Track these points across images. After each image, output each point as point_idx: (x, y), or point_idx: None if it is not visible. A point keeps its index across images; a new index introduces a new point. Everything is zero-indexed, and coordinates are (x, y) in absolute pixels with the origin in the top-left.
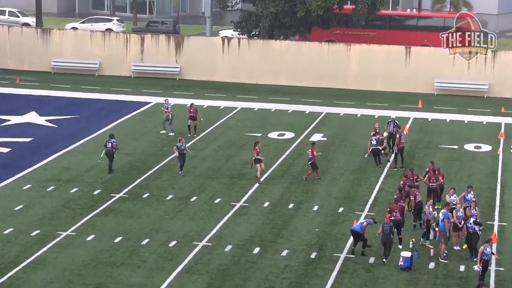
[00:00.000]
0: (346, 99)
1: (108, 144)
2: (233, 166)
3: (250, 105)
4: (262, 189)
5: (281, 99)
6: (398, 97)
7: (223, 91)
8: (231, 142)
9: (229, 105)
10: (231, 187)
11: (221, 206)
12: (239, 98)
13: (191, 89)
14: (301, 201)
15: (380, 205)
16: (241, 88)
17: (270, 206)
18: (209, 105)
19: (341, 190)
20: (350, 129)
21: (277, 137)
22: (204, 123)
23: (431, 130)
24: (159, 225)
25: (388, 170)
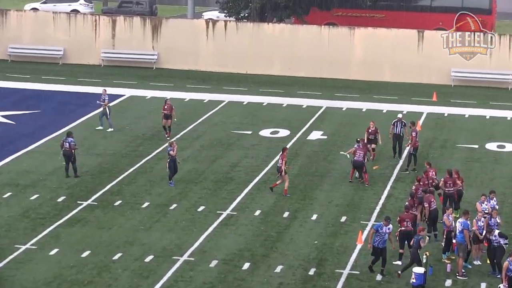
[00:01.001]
0: (349, 91)
1: (65, 144)
2: (219, 169)
3: (239, 98)
4: (252, 196)
5: (275, 91)
6: (410, 89)
7: (207, 82)
8: (216, 141)
9: (214, 98)
10: (217, 193)
11: (205, 215)
12: (226, 90)
13: (171, 79)
14: (297, 209)
15: (388, 213)
16: (228, 79)
17: (261, 215)
18: (191, 98)
19: (344, 196)
20: (353, 126)
21: (270, 135)
22: (186, 119)
23: (447, 126)
24: (134, 237)
25: (398, 173)
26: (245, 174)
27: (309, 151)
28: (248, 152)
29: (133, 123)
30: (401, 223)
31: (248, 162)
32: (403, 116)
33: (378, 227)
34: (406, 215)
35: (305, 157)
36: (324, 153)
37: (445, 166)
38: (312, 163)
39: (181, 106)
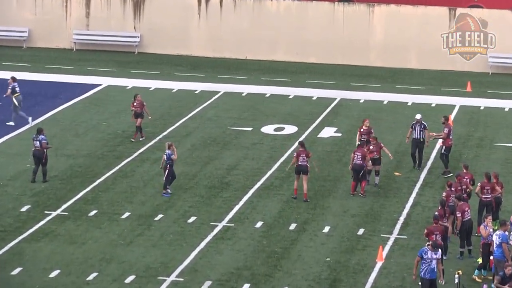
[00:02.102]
0: (368, 80)
1: (35, 143)
2: (214, 173)
3: (237, 88)
4: (253, 205)
5: (279, 81)
6: (439, 78)
7: (199, 70)
8: (210, 139)
9: (208, 89)
10: (211, 201)
11: (196, 227)
12: (222, 79)
13: (156, 66)
14: (306, 220)
15: (414, 225)
16: (224, 66)
17: (264, 227)
18: (180, 88)
19: (362, 204)
20: (373, 121)
21: (274, 132)
22: (174, 114)
23: (483, 122)
24: (112, 253)
25: (426, 177)
26: (244, 179)
27: (321, 151)
28: (248, 153)
29: (111, 118)
30: (430, 236)
31: (248, 164)
32: (422, 117)
33: (422, 252)
34: (435, 227)
35: (316, 158)
36: (339, 153)
37: (481, 168)
38: (324, 165)
39: (168, 97)
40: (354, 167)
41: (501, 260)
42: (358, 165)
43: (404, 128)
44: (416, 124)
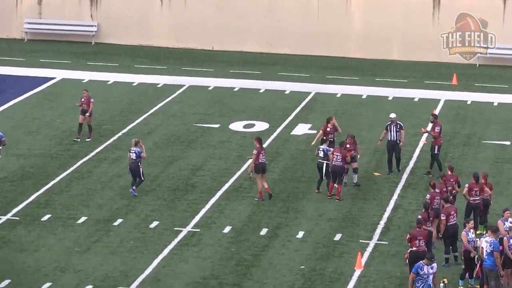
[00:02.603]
0: (345, 72)
1: None
2: (177, 174)
3: (203, 81)
4: (221, 208)
5: (249, 73)
6: (423, 70)
7: (162, 61)
8: (174, 137)
9: (171, 82)
10: (175, 205)
11: (159, 233)
12: (187, 72)
13: (114, 58)
14: (279, 225)
15: (396, 229)
16: (189, 57)
17: (232, 232)
18: (141, 81)
19: (339, 208)
20: (351, 117)
21: (243, 129)
22: (135, 110)
23: (471, 117)
24: (67, 262)
25: (408, 178)
26: (211, 180)
27: (294, 150)
28: (215, 152)
29: (66, 114)
30: (412, 241)
31: (215, 164)
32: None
33: (417, 268)
34: (418, 231)
35: (289, 157)
36: (313, 152)
37: (468, 168)
38: (297, 165)
39: (128, 92)
40: (334, 169)
41: (493, 269)
42: (338, 166)
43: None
44: (391, 125)
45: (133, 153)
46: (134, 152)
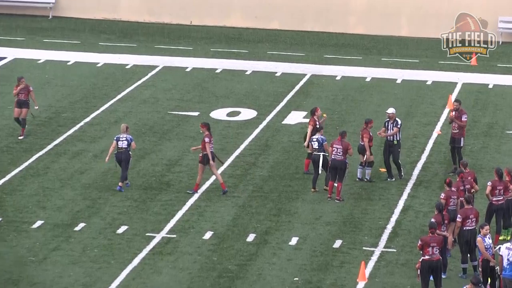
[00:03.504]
0: (346, 51)
1: None
2: (150, 170)
3: (180, 62)
4: (200, 210)
5: (233, 52)
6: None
7: (131, 38)
8: (146, 127)
9: (142, 62)
10: (146, 206)
11: (128, 239)
12: (160, 51)
13: (75, 34)
14: (268, 230)
15: (405, 235)
16: (163, 33)
17: (214, 238)
18: (106, 62)
19: (339, 209)
20: (353, 104)
21: (227, 117)
22: (99, 95)
23: (493, 104)
24: (20, 273)
25: (420, 175)
26: (189, 177)
27: (286, 142)
28: (194, 144)
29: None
30: (425, 249)
31: (193, 158)
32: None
33: None
34: (431, 237)
35: (280, 151)
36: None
37: (489, 163)
38: (290, 159)
39: (91, 74)
40: (333, 164)
41: None
42: (338, 161)
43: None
44: (388, 122)
45: (123, 140)
46: (126, 139)
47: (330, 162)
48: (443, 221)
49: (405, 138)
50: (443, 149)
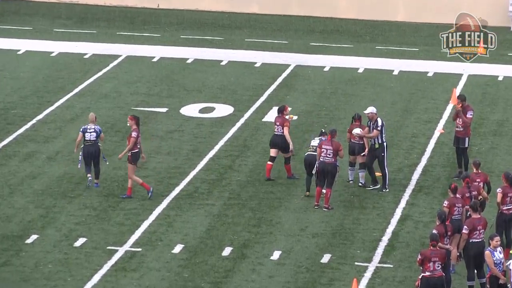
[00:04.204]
0: (336, 38)
1: None
2: (111, 174)
3: (145, 50)
4: (170, 220)
5: (207, 40)
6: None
7: (90, 24)
8: (106, 125)
9: (102, 51)
10: (107, 215)
11: (87, 253)
12: (123, 38)
13: (26, 19)
14: (247, 242)
15: (403, 248)
16: (126, 18)
17: (185, 252)
18: (62, 51)
19: (327, 219)
20: (344, 99)
21: (199, 114)
22: (53, 88)
23: (503, 98)
24: None
25: (420, 179)
26: (156, 182)
27: (267, 142)
28: (162, 145)
29: None
30: (425, 264)
31: (161, 161)
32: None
33: None
34: (433, 251)
35: (260, 152)
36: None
37: (498, 166)
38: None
39: (44, 65)
40: (322, 167)
41: None
42: (328, 164)
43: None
44: (369, 123)
45: (92, 132)
46: (94, 130)
47: (318, 165)
48: (446, 232)
49: (403, 138)
50: (446, 150)
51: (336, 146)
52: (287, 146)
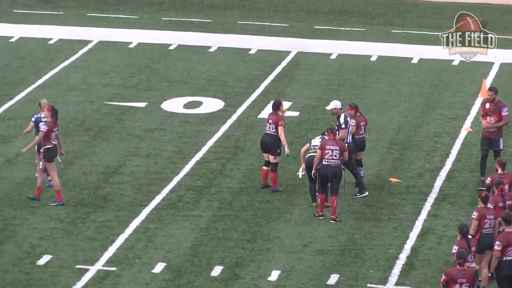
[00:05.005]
0: (344, 20)
1: None
2: (81, 180)
3: (121, 35)
4: (150, 234)
5: (193, 22)
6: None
7: (56, 4)
8: (76, 122)
9: (70, 37)
10: (77, 228)
11: (53, 273)
12: (94, 20)
13: None
14: (240, 261)
15: (425, 267)
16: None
17: (168, 272)
18: (23, 36)
19: (335, 233)
20: (354, 91)
21: (184, 109)
22: (13, 80)
23: None
24: None
25: (444, 186)
26: (133, 190)
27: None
28: (140, 145)
29: None
30: (451, 286)
31: (139, 164)
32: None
33: None
34: (459, 271)
35: (255, 154)
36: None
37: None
38: None
39: (3, 52)
40: (324, 172)
41: None
42: (334, 167)
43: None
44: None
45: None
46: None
47: (320, 169)
48: (469, 248)
49: (424, 138)
50: (475, 152)
51: (342, 146)
52: (277, 147)
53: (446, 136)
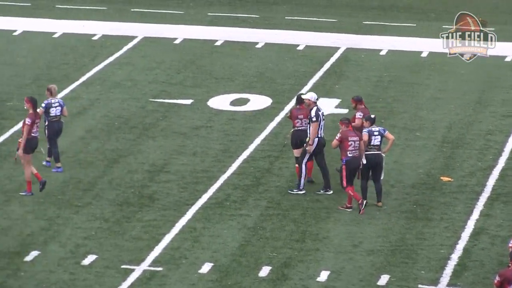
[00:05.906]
0: (394, 16)
1: None
2: (125, 178)
3: (166, 31)
4: (196, 233)
5: (239, 18)
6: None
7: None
8: (120, 120)
9: (115, 32)
10: (122, 228)
11: (97, 273)
12: (139, 15)
13: None
14: (289, 261)
15: (477, 268)
16: None
17: (215, 272)
18: (66, 32)
19: (385, 233)
20: (404, 88)
21: (231, 107)
22: (58, 76)
23: None
24: None
25: (497, 185)
26: (179, 189)
27: None
28: (186, 143)
29: None
30: (505, 287)
31: (185, 163)
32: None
33: None
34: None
35: None
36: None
37: None
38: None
39: (46, 48)
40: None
41: None
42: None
43: (458, 99)
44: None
45: (57, 106)
46: (59, 104)
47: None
48: None
49: (476, 136)
50: None
51: (360, 136)
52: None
53: (499, 134)
